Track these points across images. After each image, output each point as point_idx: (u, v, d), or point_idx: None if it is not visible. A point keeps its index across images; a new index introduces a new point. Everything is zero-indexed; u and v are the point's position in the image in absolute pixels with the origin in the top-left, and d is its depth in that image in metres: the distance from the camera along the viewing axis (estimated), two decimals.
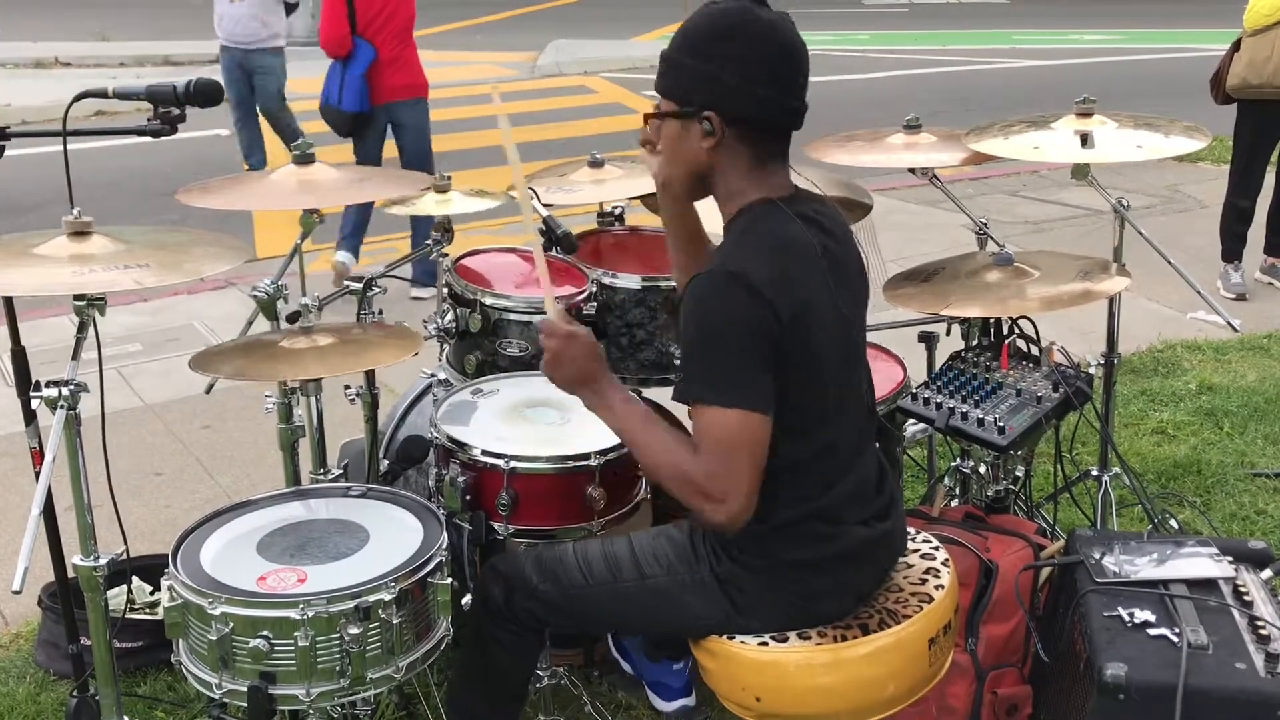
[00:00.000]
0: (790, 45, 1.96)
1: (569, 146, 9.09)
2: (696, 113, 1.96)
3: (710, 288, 1.91)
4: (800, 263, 1.95)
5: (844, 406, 2.07)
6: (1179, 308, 5.49)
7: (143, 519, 3.76)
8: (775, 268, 1.91)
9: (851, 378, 2.10)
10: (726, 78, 1.93)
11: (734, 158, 1.99)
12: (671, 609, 2.11)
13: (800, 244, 1.97)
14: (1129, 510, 3.56)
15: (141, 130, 2.33)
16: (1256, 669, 2.08)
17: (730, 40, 1.93)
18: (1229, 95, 5.51)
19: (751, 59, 1.93)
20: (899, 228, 6.76)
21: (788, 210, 1.99)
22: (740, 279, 1.88)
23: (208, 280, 5.49)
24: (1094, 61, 14.75)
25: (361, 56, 5.52)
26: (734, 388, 1.88)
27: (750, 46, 1.93)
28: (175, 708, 2.83)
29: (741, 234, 1.99)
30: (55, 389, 2.07)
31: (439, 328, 2.86)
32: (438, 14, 18.87)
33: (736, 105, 1.95)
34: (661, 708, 2.77)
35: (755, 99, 1.95)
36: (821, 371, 1.98)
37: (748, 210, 2.01)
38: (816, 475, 2.03)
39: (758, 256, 1.92)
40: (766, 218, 1.98)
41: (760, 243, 1.95)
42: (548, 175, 3.34)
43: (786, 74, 1.96)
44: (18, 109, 10.74)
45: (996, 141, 3.03)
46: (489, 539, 2.42)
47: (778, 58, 1.95)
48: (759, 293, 1.87)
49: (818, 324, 1.95)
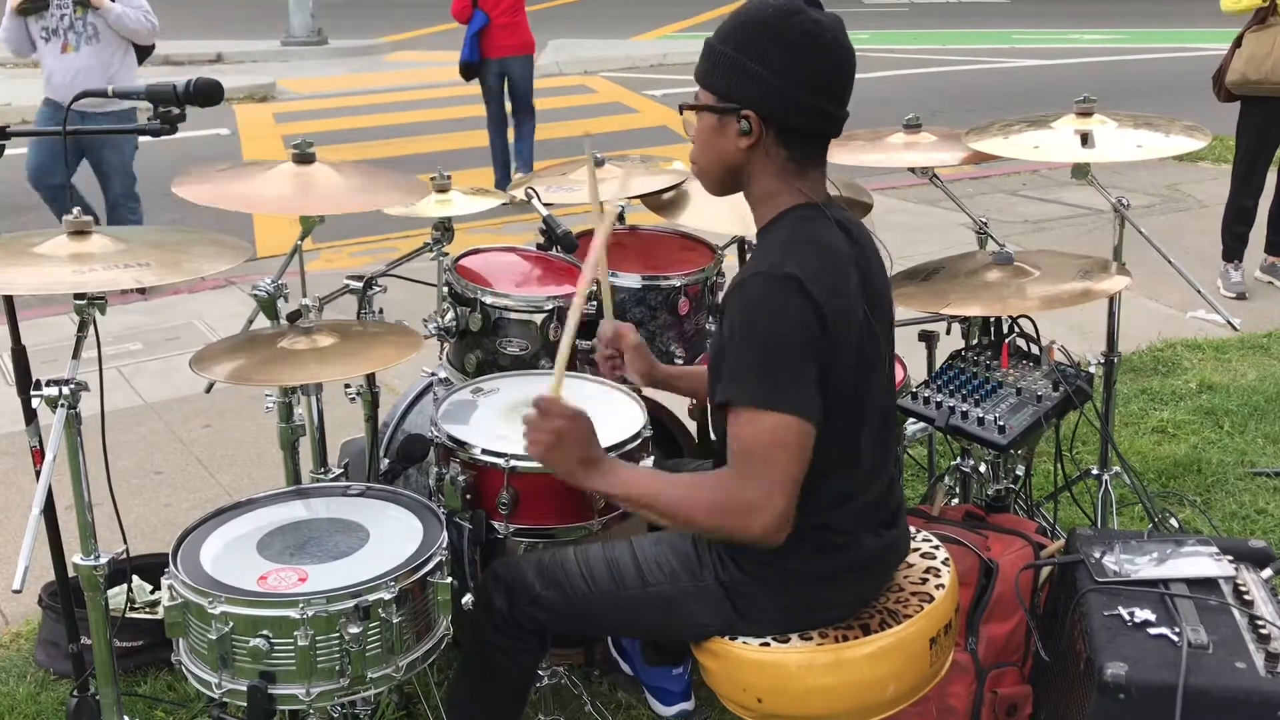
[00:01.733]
0: (841, 52, 1.91)
1: (569, 146, 9.09)
2: (735, 110, 1.92)
3: (765, 290, 1.86)
4: (841, 271, 1.91)
5: (868, 418, 2.02)
6: (1179, 307, 5.49)
7: (143, 518, 3.76)
8: (825, 272, 1.87)
9: (877, 389, 2.06)
10: (772, 79, 1.88)
11: (770, 159, 1.95)
12: (674, 616, 2.10)
13: (841, 252, 1.93)
14: (1129, 509, 3.56)
15: (141, 130, 2.33)
16: (1257, 668, 2.08)
17: (780, 41, 1.88)
18: (1230, 92, 5.51)
19: (799, 63, 1.88)
20: (899, 227, 6.76)
21: (829, 216, 1.96)
22: (792, 281, 1.83)
23: (208, 279, 5.49)
24: (1094, 61, 14.75)
25: (476, 21, 7.67)
26: (779, 390, 1.82)
27: (800, 50, 1.88)
28: (175, 707, 2.83)
29: (789, 237, 1.94)
30: (55, 388, 2.07)
31: (439, 327, 2.86)
32: (438, 14, 18.88)
33: (778, 109, 1.91)
34: (661, 712, 2.77)
35: (798, 105, 1.90)
36: (850, 381, 1.93)
37: (791, 213, 1.96)
38: (836, 488, 2.00)
39: (808, 261, 1.87)
40: (810, 222, 1.94)
41: (808, 247, 1.90)
42: (548, 175, 3.34)
43: (833, 82, 1.91)
44: (18, 109, 10.74)
45: (996, 141, 3.03)
46: (489, 538, 2.41)
47: (826, 64, 1.90)
48: (811, 296, 1.83)
49: (851, 333, 1.91)
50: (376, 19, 19.47)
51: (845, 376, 1.91)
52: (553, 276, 3.02)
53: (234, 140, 10.00)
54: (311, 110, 11.75)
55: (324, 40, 16.01)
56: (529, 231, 4.06)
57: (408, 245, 3.62)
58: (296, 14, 15.79)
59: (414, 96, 12.19)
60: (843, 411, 1.93)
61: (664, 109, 11.36)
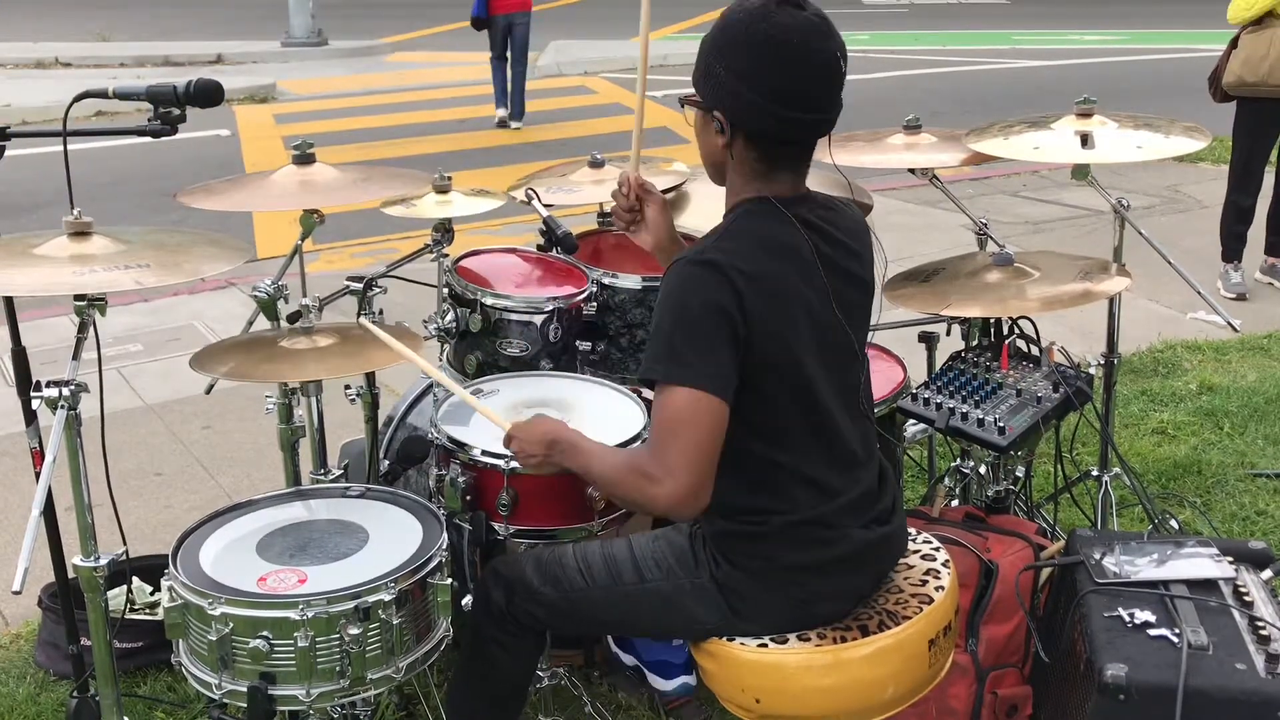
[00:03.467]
0: (811, 55, 1.88)
1: (569, 146, 9.09)
2: (710, 109, 1.97)
3: (682, 272, 1.92)
4: (782, 262, 1.94)
5: (842, 413, 2.05)
6: (1179, 308, 5.49)
7: (143, 519, 3.76)
8: (752, 261, 1.90)
9: (845, 384, 2.07)
10: (735, 86, 1.90)
11: (742, 158, 1.99)
12: (671, 612, 2.10)
13: (785, 244, 1.96)
14: (1129, 510, 3.56)
15: (141, 130, 2.33)
16: (1257, 669, 2.08)
17: (745, 45, 1.88)
18: (1226, 93, 5.51)
19: (760, 70, 1.88)
20: (899, 228, 6.76)
21: (784, 211, 1.97)
22: (711, 265, 1.89)
23: (208, 280, 5.49)
24: (1094, 61, 14.75)
25: None
26: (685, 366, 1.87)
27: (761, 57, 1.87)
28: (175, 708, 2.83)
29: (726, 227, 1.99)
30: (56, 389, 2.07)
31: (439, 328, 2.86)
32: (439, 13, 18.90)
33: (741, 115, 1.93)
34: (661, 687, 2.77)
35: (758, 111, 1.91)
36: (804, 375, 1.97)
37: (740, 205, 2.01)
38: (817, 482, 2.02)
39: (735, 249, 1.91)
40: (755, 215, 1.98)
41: (741, 237, 1.95)
42: (548, 175, 3.34)
43: (799, 88, 1.89)
44: (18, 109, 10.75)
45: (996, 141, 3.03)
46: (489, 539, 2.42)
47: (791, 71, 1.88)
48: (728, 280, 1.87)
49: (797, 325, 1.94)
50: (377, 20, 19.48)
51: (785, 361, 1.94)
52: (553, 278, 3.02)
53: (234, 141, 10.00)
54: (312, 111, 11.75)
55: (324, 41, 16.01)
56: (529, 232, 4.05)
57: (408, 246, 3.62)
58: (297, 15, 15.79)
59: (414, 97, 12.20)
60: (796, 399, 1.97)
61: (664, 109, 11.33)
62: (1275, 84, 5.30)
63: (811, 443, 2.01)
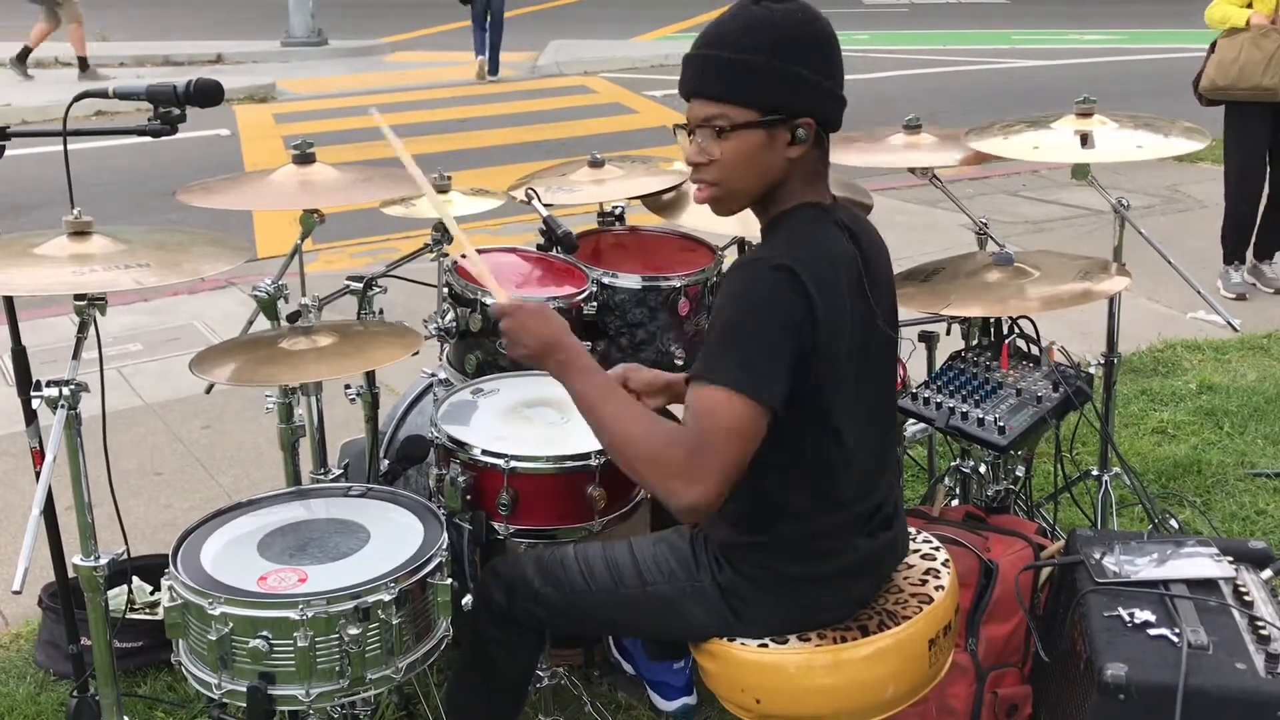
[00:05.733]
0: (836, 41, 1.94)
1: (569, 146, 9.09)
2: (787, 119, 1.87)
3: (754, 275, 1.84)
4: (843, 272, 1.90)
5: (869, 426, 2.01)
6: (1179, 307, 5.49)
7: (143, 519, 3.76)
8: (823, 270, 1.85)
9: (878, 395, 2.05)
10: (816, 80, 1.87)
11: (805, 164, 1.92)
12: (672, 615, 2.10)
13: (844, 254, 1.92)
14: (1129, 510, 3.56)
15: (141, 130, 2.33)
16: (1257, 669, 2.08)
17: (806, 41, 1.87)
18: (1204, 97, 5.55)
19: (828, 59, 1.89)
20: (899, 228, 6.75)
21: (836, 217, 1.95)
22: (787, 271, 1.81)
23: (208, 280, 5.49)
24: (1094, 61, 14.75)
25: None
26: (746, 372, 1.79)
27: (822, 46, 1.89)
28: (175, 708, 2.83)
29: (790, 233, 1.92)
30: (56, 389, 2.07)
31: (439, 327, 2.86)
32: (438, 13, 18.89)
33: (826, 109, 1.90)
34: (663, 707, 2.78)
35: (835, 100, 1.91)
36: (845, 384, 1.92)
37: (795, 212, 1.93)
38: (831, 492, 1.99)
39: (807, 257, 1.85)
40: (816, 222, 1.93)
41: (810, 244, 1.88)
42: (548, 175, 3.34)
43: (843, 71, 1.94)
44: (18, 109, 10.74)
45: (996, 141, 3.03)
46: (489, 539, 2.42)
47: (836, 51, 1.92)
48: (805, 289, 1.81)
49: (845, 336, 1.89)
50: (377, 19, 19.47)
51: (840, 379, 1.90)
52: (553, 277, 3.02)
53: (234, 141, 10.00)
54: (312, 111, 11.74)
55: (324, 41, 16.00)
56: (529, 232, 4.05)
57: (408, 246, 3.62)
58: (296, 14, 15.77)
59: (414, 97, 12.18)
60: (827, 415, 1.91)
61: (664, 110, 11.36)
62: (1245, 87, 5.31)
63: (834, 457, 1.97)
